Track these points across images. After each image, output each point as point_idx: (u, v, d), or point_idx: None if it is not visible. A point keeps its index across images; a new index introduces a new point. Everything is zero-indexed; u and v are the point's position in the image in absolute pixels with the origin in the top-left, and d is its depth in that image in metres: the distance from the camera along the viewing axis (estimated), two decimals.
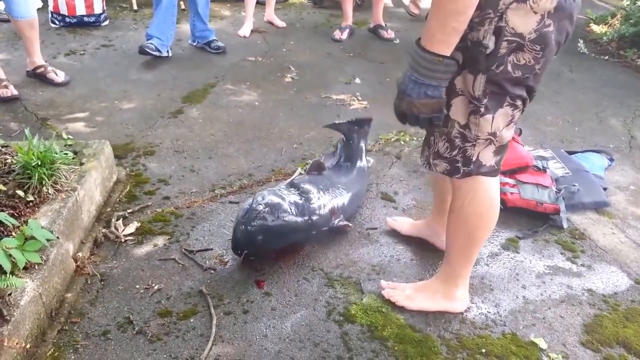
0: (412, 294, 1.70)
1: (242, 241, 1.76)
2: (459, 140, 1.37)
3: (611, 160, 2.61)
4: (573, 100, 3.32)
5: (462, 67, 1.27)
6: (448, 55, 1.20)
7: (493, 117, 1.31)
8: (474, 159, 1.38)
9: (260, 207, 1.76)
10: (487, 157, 1.39)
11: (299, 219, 1.82)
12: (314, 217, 1.87)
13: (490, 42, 1.23)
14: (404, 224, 2.08)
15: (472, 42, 1.25)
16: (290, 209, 1.81)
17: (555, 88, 3.50)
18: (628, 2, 4.24)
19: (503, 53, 1.23)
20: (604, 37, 4.25)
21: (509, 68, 1.25)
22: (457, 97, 1.32)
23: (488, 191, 1.48)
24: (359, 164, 2.27)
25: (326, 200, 1.94)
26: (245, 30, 4.16)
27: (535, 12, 1.20)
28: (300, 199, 1.87)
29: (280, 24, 4.41)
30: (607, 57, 4.02)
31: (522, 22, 1.20)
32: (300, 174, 2.40)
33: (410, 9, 4.79)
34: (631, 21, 4.10)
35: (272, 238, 1.79)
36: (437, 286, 1.69)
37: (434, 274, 1.87)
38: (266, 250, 1.83)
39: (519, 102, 1.32)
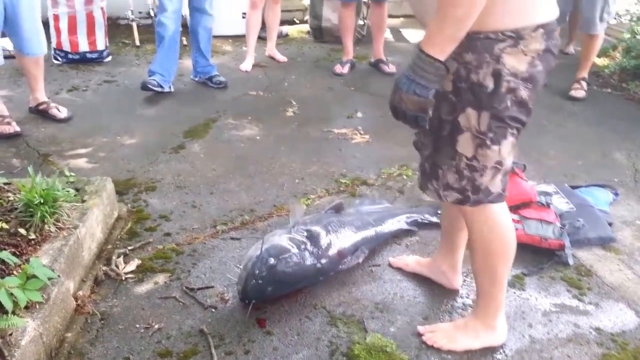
0: (454, 335, 1.72)
1: (251, 294, 1.78)
2: (467, 171, 1.47)
3: (616, 194, 2.63)
4: (576, 134, 3.37)
5: (465, 105, 1.40)
6: (441, 60, 1.30)
7: (499, 148, 1.44)
8: (482, 187, 1.48)
9: (272, 261, 1.78)
10: (495, 184, 1.49)
11: (308, 267, 1.86)
12: (323, 262, 1.90)
13: (490, 82, 1.36)
14: (409, 260, 2.11)
15: (472, 83, 1.37)
16: (300, 257, 1.84)
17: (558, 121, 3.56)
18: (629, 35, 4.35)
19: (503, 92, 1.36)
20: (606, 70, 4.34)
21: (509, 105, 1.38)
22: (462, 134, 1.44)
23: (500, 215, 1.56)
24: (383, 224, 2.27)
25: (335, 244, 1.98)
26: (247, 65, 4.27)
27: (526, 55, 1.35)
28: (310, 245, 1.90)
29: (282, 58, 4.52)
30: (609, 89, 4.09)
31: (516, 63, 1.35)
32: (306, 205, 2.44)
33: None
34: (632, 54, 4.18)
35: (281, 287, 1.83)
36: (477, 322, 1.72)
37: (439, 311, 1.89)
38: (274, 297, 1.85)
39: (516, 131, 1.45)
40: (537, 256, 2.17)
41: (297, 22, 5.67)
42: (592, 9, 3.61)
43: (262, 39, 4.51)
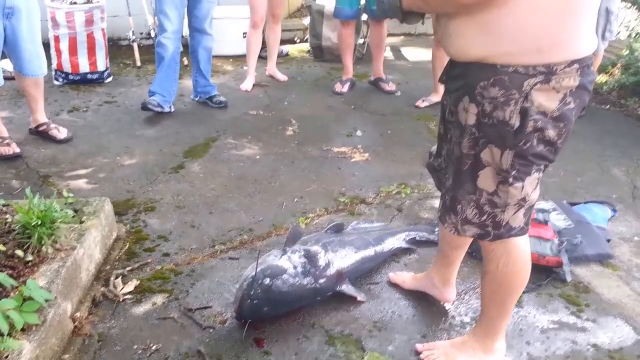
0: (452, 353, 1.72)
1: (246, 314, 1.79)
2: (487, 206, 1.42)
3: (614, 211, 2.64)
4: (575, 150, 3.38)
5: (488, 142, 1.34)
6: (404, 8, 1.38)
7: (523, 185, 1.38)
8: (504, 223, 1.43)
9: (267, 281, 1.79)
10: (518, 219, 1.44)
11: (305, 287, 1.87)
12: (321, 282, 1.92)
13: (516, 121, 1.29)
14: (406, 277, 2.13)
15: (498, 120, 1.30)
16: (296, 277, 1.86)
17: None
18: (627, 52, 4.38)
19: (529, 131, 1.29)
20: (605, 87, 4.36)
21: (535, 143, 1.32)
22: (483, 169, 1.38)
23: (520, 249, 1.54)
24: (386, 242, 2.29)
25: (333, 264, 1.99)
26: (247, 85, 4.31)
27: (558, 92, 1.27)
28: (307, 265, 1.91)
29: (282, 77, 4.57)
30: (608, 106, 4.11)
31: (546, 101, 1.27)
32: (305, 224, 2.45)
33: None
34: (631, 70, 4.20)
35: (277, 308, 1.84)
36: (476, 342, 1.72)
37: (437, 330, 1.89)
38: (270, 317, 1.86)
39: (543, 166, 1.41)
40: (535, 273, 2.12)
41: (298, 41, 5.74)
42: (595, 28, 3.63)
43: (262, 58, 4.57)
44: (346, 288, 2.01)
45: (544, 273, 2.17)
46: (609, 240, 2.39)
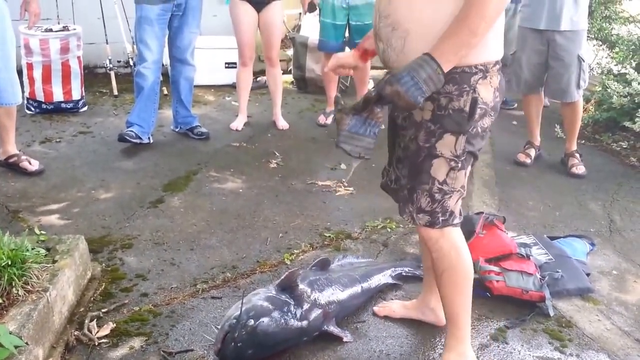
0: None
1: (230, 357, 1.76)
2: (438, 194, 1.65)
3: (592, 245, 2.71)
4: (553, 185, 3.46)
5: (444, 131, 1.58)
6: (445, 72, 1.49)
7: (465, 172, 1.65)
8: (449, 210, 1.67)
9: (251, 322, 1.76)
10: (457, 207, 1.70)
11: (291, 328, 1.85)
12: (307, 323, 1.89)
13: (468, 108, 1.57)
14: (395, 306, 2.16)
15: (453, 110, 1.57)
16: (282, 318, 1.83)
17: (534, 172, 3.65)
18: (600, 88, 4.51)
19: (477, 118, 1.59)
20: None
21: (479, 130, 1.62)
22: (437, 159, 1.62)
23: (463, 241, 1.76)
24: (371, 277, 2.29)
25: (319, 303, 1.97)
26: (238, 124, 4.18)
27: (492, 87, 1.60)
28: (293, 304, 1.89)
29: (282, 126, 4.32)
30: (583, 141, 4.18)
31: (486, 94, 1.59)
32: (290, 261, 2.43)
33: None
34: (604, 107, 4.34)
35: (262, 350, 1.81)
36: (450, 354, 1.80)
37: None
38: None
39: (472, 161, 1.68)
40: (518, 308, 2.21)
41: (281, 72, 5.79)
42: (568, 79, 3.53)
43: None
44: (332, 328, 1.98)
45: (527, 308, 2.20)
46: (588, 274, 2.44)
